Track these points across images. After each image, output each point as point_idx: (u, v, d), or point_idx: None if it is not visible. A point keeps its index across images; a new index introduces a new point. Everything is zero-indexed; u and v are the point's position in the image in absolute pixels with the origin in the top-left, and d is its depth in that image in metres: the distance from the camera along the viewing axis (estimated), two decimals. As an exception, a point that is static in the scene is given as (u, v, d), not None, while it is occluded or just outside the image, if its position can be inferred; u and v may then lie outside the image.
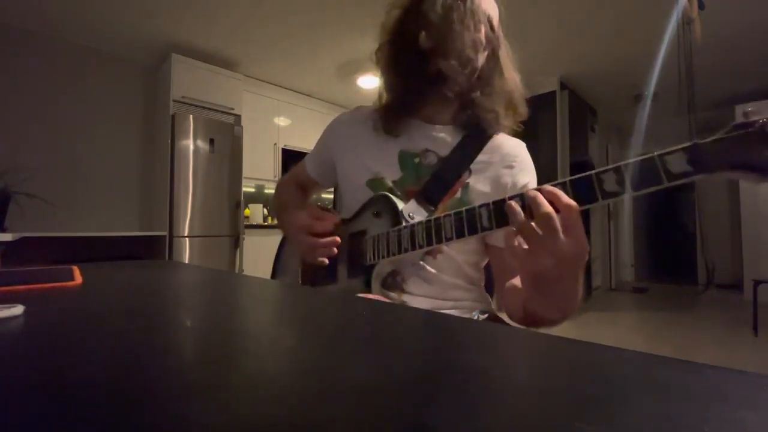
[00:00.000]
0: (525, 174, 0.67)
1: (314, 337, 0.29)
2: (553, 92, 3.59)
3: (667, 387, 0.18)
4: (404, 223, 0.58)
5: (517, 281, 0.56)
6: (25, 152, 2.56)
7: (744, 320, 2.92)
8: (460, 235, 0.49)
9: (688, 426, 0.14)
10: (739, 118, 0.36)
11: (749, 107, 0.37)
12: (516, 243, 0.43)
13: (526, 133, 0.72)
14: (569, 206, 0.41)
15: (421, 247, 0.53)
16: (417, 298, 0.62)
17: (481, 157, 0.66)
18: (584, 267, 0.46)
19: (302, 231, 0.66)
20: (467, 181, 0.65)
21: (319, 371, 0.21)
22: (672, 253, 5.65)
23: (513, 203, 0.43)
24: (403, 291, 0.63)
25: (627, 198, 0.40)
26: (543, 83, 3.58)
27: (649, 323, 3.20)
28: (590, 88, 3.89)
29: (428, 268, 0.64)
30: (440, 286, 0.64)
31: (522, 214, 0.42)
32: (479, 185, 0.65)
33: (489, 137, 0.67)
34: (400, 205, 0.61)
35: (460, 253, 0.66)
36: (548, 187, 0.43)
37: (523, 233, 0.42)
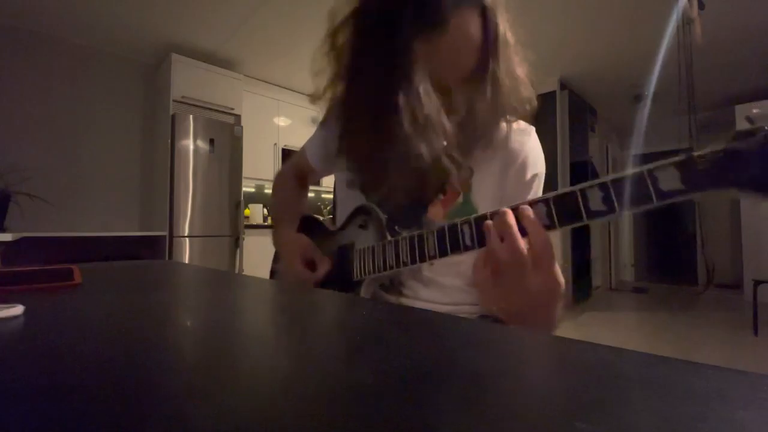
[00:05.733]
0: (532, 167, 0.62)
1: (314, 337, 0.29)
2: (553, 92, 3.59)
3: (667, 387, 0.18)
4: (389, 238, 0.55)
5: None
6: (25, 152, 2.56)
7: (744, 320, 2.93)
8: (443, 253, 0.46)
9: (688, 426, 0.14)
10: (741, 121, 0.30)
11: (755, 109, 0.31)
12: (485, 273, 0.41)
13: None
14: (541, 237, 0.38)
15: (405, 264, 0.51)
16: (415, 302, 0.61)
17: (482, 155, 0.60)
18: (556, 305, 0.43)
19: (294, 277, 0.66)
20: (470, 182, 0.61)
21: (319, 371, 0.21)
22: (672, 253, 5.64)
23: (490, 223, 0.40)
24: (401, 294, 0.62)
25: (612, 218, 0.37)
26: (543, 83, 3.58)
27: (649, 323, 3.20)
28: (590, 88, 3.90)
29: (425, 272, 0.62)
30: (439, 289, 0.62)
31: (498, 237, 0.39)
32: (483, 186, 0.61)
33: (485, 134, 0.60)
34: (384, 217, 0.59)
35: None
36: (525, 209, 0.39)
37: (495, 259, 0.39)
